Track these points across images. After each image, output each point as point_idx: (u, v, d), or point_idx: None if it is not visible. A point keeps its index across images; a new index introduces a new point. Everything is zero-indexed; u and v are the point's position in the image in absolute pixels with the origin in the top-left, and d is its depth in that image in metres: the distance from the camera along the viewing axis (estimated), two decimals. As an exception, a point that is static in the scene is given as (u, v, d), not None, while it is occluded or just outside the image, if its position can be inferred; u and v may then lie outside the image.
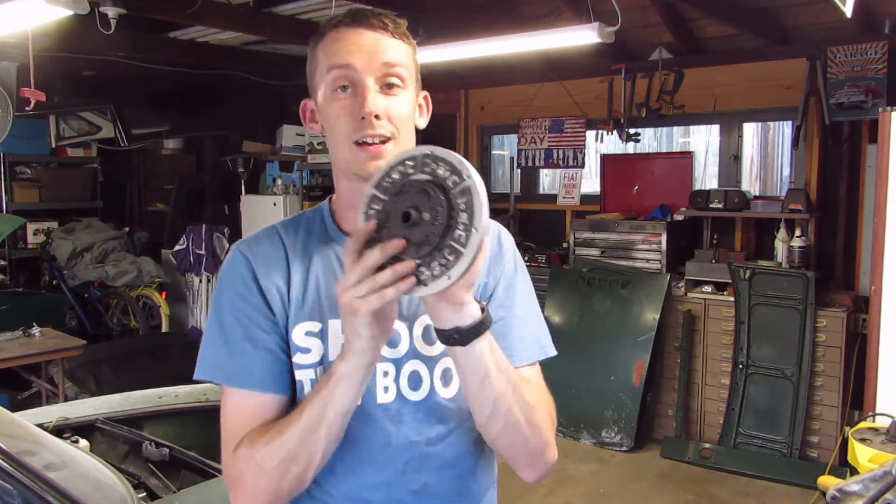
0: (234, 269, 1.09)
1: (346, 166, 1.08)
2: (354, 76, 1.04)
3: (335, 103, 1.06)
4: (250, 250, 1.10)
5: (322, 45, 1.08)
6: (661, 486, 4.06)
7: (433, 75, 5.29)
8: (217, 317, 1.08)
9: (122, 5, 3.48)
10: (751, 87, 4.56)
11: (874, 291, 3.12)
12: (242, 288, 1.07)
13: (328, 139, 1.10)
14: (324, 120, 1.10)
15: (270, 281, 1.07)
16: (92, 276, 5.90)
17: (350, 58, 1.04)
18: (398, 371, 1.08)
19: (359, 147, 1.04)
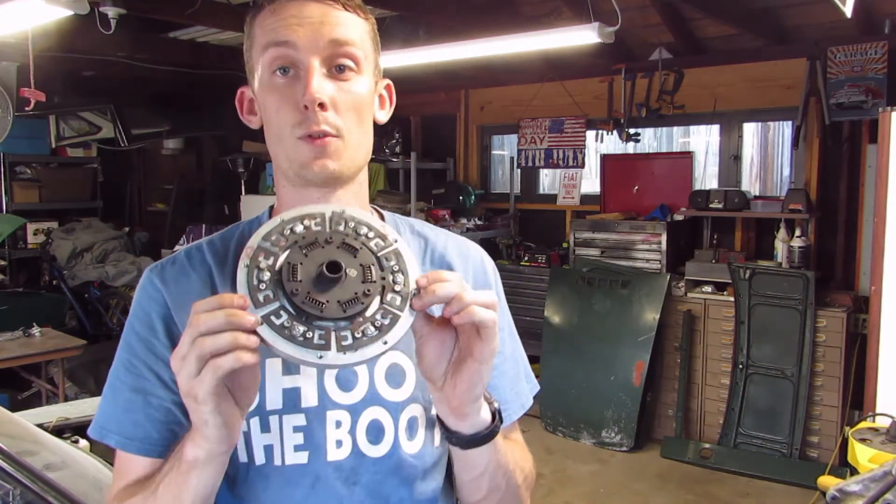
0: (139, 303, 0.89)
1: (287, 166, 0.87)
2: (295, 56, 0.84)
3: (273, 90, 0.86)
4: (163, 277, 0.89)
5: (259, 20, 0.88)
6: (661, 486, 4.06)
7: (433, 75, 5.30)
8: (116, 359, 0.90)
9: (122, 5, 3.48)
10: (751, 87, 4.56)
11: (874, 291, 3.12)
12: (144, 328, 0.87)
13: (266, 134, 0.89)
14: (261, 110, 0.89)
15: (188, 315, 0.82)
16: (92, 276, 5.90)
17: (290, 33, 0.84)
18: (355, 420, 0.88)
19: (302, 141, 0.85)
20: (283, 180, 0.91)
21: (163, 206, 7.28)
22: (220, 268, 0.90)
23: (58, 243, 5.94)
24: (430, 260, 1.00)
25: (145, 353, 0.86)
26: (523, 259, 5.37)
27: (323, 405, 0.87)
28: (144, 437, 0.85)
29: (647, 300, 4.54)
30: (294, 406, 0.86)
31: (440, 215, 5.28)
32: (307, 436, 0.86)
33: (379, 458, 0.89)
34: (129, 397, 0.86)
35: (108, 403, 0.88)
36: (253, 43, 0.89)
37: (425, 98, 6.02)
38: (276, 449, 0.86)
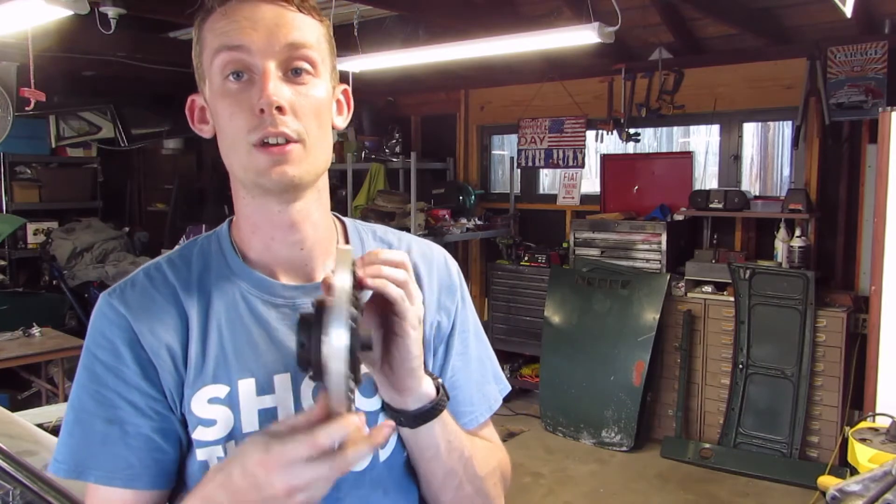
0: (100, 331, 0.83)
1: (244, 175, 0.83)
2: (249, 60, 0.80)
3: (225, 95, 0.82)
4: (124, 301, 0.84)
5: (209, 23, 0.84)
6: (661, 486, 4.06)
7: (433, 75, 5.30)
8: (76, 392, 0.83)
9: (122, 5, 3.48)
10: (751, 87, 4.56)
11: (874, 291, 3.12)
12: (109, 356, 0.82)
13: (220, 143, 0.84)
14: (214, 118, 0.85)
15: (158, 340, 0.82)
16: (92, 276, 5.89)
17: (243, 36, 0.80)
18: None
19: (258, 149, 0.80)
20: (242, 191, 0.87)
21: (163, 206, 7.28)
22: (186, 288, 0.86)
23: (58, 243, 5.94)
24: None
25: (115, 381, 0.81)
26: (523, 259, 5.37)
27: None
28: (127, 468, 0.81)
29: (646, 300, 4.54)
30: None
31: (440, 215, 5.27)
32: None
33: (361, 472, 0.87)
34: (103, 430, 0.81)
35: (77, 439, 0.82)
36: (203, 47, 0.84)
37: (425, 98, 6.02)
38: None
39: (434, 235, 5.04)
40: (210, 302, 0.85)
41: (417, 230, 4.94)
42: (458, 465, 0.87)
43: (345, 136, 5.84)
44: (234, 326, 0.85)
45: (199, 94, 0.88)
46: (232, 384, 0.83)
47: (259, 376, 0.84)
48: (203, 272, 0.87)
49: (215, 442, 0.83)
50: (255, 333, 0.86)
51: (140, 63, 5.09)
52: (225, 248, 0.89)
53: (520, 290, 5.31)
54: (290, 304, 0.87)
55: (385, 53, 3.92)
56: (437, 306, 0.96)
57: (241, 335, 0.85)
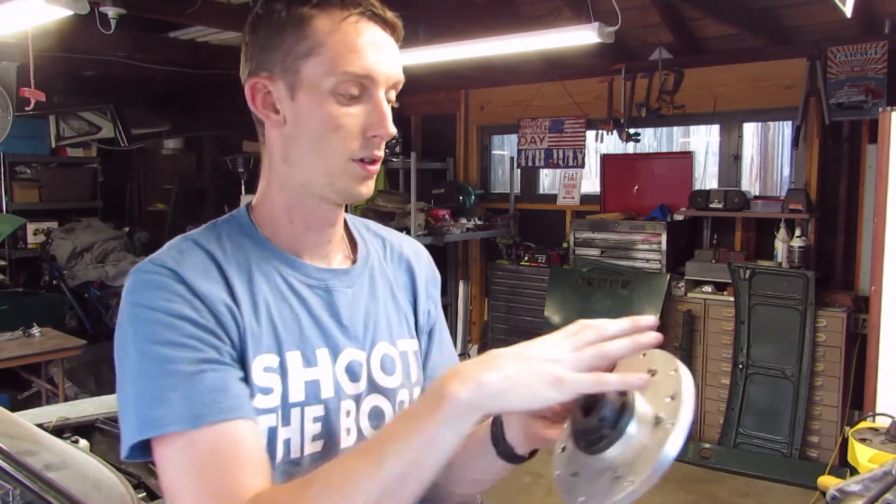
0: (158, 289, 0.80)
1: (329, 182, 0.87)
2: (369, 86, 0.86)
3: (337, 107, 0.84)
4: (176, 262, 0.83)
5: (326, 29, 0.84)
6: (661, 486, 4.03)
7: (433, 75, 5.30)
8: (142, 353, 0.78)
9: (122, 5, 3.47)
10: (751, 87, 4.56)
11: (874, 291, 3.12)
12: (180, 302, 0.79)
13: (302, 142, 0.87)
14: (305, 118, 0.86)
15: (214, 296, 0.82)
16: (92, 276, 5.90)
17: (374, 69, 0.85)
18: (358, 408, 0.91)
19: (356, 163, 0.86)
20: (294, 184, 0.90)
21: (163, 206, 7.28)
22: (225, 259, 0.87)
23: (58, 243, 5.94)
24: (390, 258, 1.04)
25: (194, 329, 0.79)
26: (523, 259, 5.37)
27: (338, 396, 0.90)
28: (242, 400, 0.79)
29: (647, 300, 4.54)
30: (315, 398, 0.87)
31: (440, 215, 5.27)
32: (325, 425, 0.88)
33: None
34: (197, 370, 0.77)
35: (181, 391, 0.76)
36: (316, 50, 0.84)
37: (425, 98, 6.01)
38: (294, 442, 0.86)
39: (434, 235, 5.04)
40: (251, 276, 0.87)
41: (417, 230, 4.94)
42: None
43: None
44: (279, 302, 0.88)
45: (269, 80, 0.87)
46: (282, 355, 0.86)
47: (304, 349, 0.88)
48: (235, 249, 0.88)
49: (270, 410, 0.83)
50: (298, 310, 0.89)
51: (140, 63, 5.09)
52: (249, 230, 0.92)
53: (520, 290, 5.31)
54: (323, 285, 0.92)
55: (385, 53, 3.91)
56: (427, 296, 1.05)
57: (286, 310, 0.88)
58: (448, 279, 5.90)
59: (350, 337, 0.92)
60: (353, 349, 0.92)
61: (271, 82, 0.87)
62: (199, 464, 0.74)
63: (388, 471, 0.68)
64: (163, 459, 0.76)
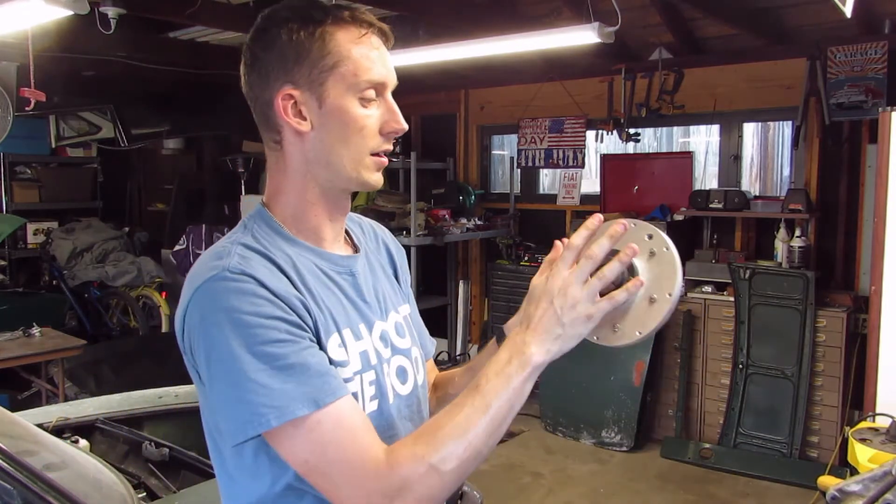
0: (242, 293, 0.91)
1: (354, 174, 1.02)
2: (383, 91, 1.04)
3: (357, 112, 1.01)
4: (248, 267, 0.94)
5: (347, 44, 0.99)
6: (661, 486, 4.06)
7: (433, 75, 5.29)
8: (249, 354, 0.88)
9: (122, 5, 3.48)
10: (751, 87, 4.56)
11: (874, 291, 3.12)
12: (269, 306, 0.91)
13: (330, 143, 1.01)
14: (334, 122, 1.00)
15: (289, 294, 0.94)
16: (92, 276, 5.90)
17: (388, 76, 1.04)
18: (390, 368, 1.09)
19: (374, 157, 1.03)
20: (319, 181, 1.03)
21: (163, 206, 7.28)
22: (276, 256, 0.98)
23: (58, 243, 5.94)
24: (372, 240, 1.21)
25: (287, 326, 0.91)
26: (523, 259, 5.37)
27: (379, 361, 1.06)
28: (339, 378, 0.94)
29: (647, 300, 4.53)
30: (368, 364, 1.04)
31: (440, 215, 5.27)
32: (377, 387, 1.04)
33: (408, 395, 1.10)
34: (302, 361, 0.90)
35: (294, 381, 0.89)
36: (339, 64, 0.99)
37: (425, 98, 6.01)
38: (358, 401, 1.00)
39: (434, 235, 5.04)
40: (299, 270, 0.99)
41: (417, 230, 4.94)
42: None
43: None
44: (323, 289, 1.02)
45: (297, 90, 1.00)
46: (339, 332, 1.01)
47: (352, 326, 1.03)
48: (276, 248, 1.00)
49: (348, 379, 0.98)
50: (337, 294, 1.04)
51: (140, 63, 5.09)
52: (278, 229, 1.03)
53: (520, 290, 5.31)
54: (348, 270, 1.08)
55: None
56: (402, 268, 1.24)
57: (330, 296, 1.02)
58: (448, 279, 5.90)
59: (374, 311, 1.09)
60: (379, 322, 1.09)
61: (298, 93, 1.00)
62: (332, 439, 0.89)
63: (494, 416, 0.90)
64: (293, 441, 0.89)
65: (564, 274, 0.93)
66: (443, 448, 0.88)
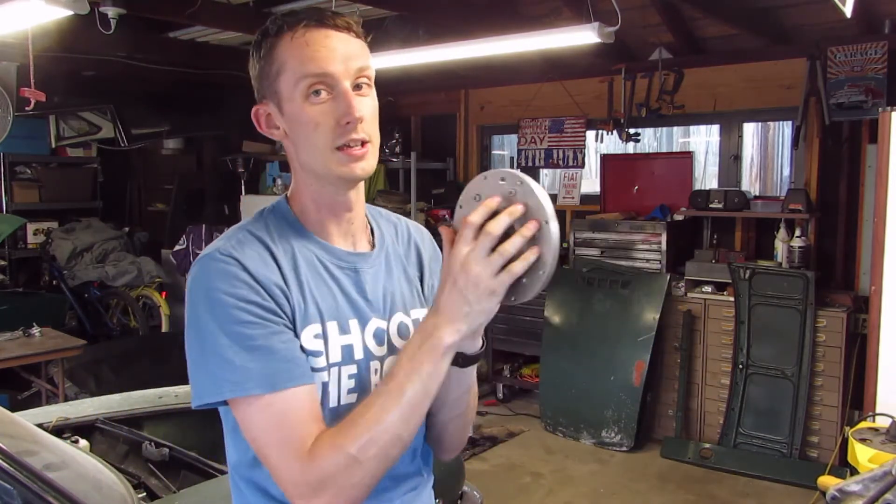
0: (224, 277, 0.99)
1: (325, 171, 1.05)
2: (332, 82, 1.02)
3: (310, 108, 1.02)
4: (238, 251, 1.01)
5: (284, 48, 1.03)
6: (661, 486, 4.06)
7: (433, 75, 5.30)
8: (220, 330, 0.96)
9: (122, 5, 3.48)
10: (751, 87, 4.56)
11: (874, 291, 3.12)
12: (246, 289, 0.98)
13: (298, 145, 1.06)
14: (294, 125, 1.05)
15: (270, 281, 1.01)
16: (92, 276, 5.89)
17: (327, 66, 1.01)
18: (383, 367, 1.10)
19: (343, 152, 1.02)
20: (314, 183, 1.08)
21: (163, 206, 7.28)
22: (274, 245, 1.05)
23: (58, 243, 5.94)
24: (402, 240, 1.22)
25: (261, 311, 0.97)
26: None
27: (367, 357, 1.08)
28: (304, 367, 0.98)
29: (647, 300, 4.54)
30: (350, 358, 1.06)
31: (440, 215, 5.28)
32: (357, 381, 1.06)
33: None
34: (268, 345, 0.96)
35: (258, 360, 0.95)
36: (282, 70, 1.02)
37: (425, 98, 6.02)
38: (332, 394, 1.04)
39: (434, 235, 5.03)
40: (296, 261, 1.05)
41: (417, 230, 4.93)
42: (474, 397, 1.16)
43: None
44: (318, 281, 1.06)
45: (263, 104, 1.08)
46: (323, 324, 1.04)
47: (339, 320, 1.06)
48: (281, 238, 1.07)
49: (322, 369, 1.03)
50: (333, 288, 1.08)
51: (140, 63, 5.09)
52: (291, 221, 1.10)
53: (520, 290, 5.30)
54: (352, 266, 1.11)
55: (385, 53, 3.92)
56: (431, 271, 1.22)
57: (323, 288, 1.06)
58: (448, 279, 5.88)
59: (374, 309, 1.10)
60: (377, 319, 1.11)
61: (267, 106, 1.08)
62: (277, 422, 0.95)
63: (409, 401, 0.93)
64: (246, 417, 0.96)
65: (464, 252, 0.91)
66: (361, 437, 0.92)
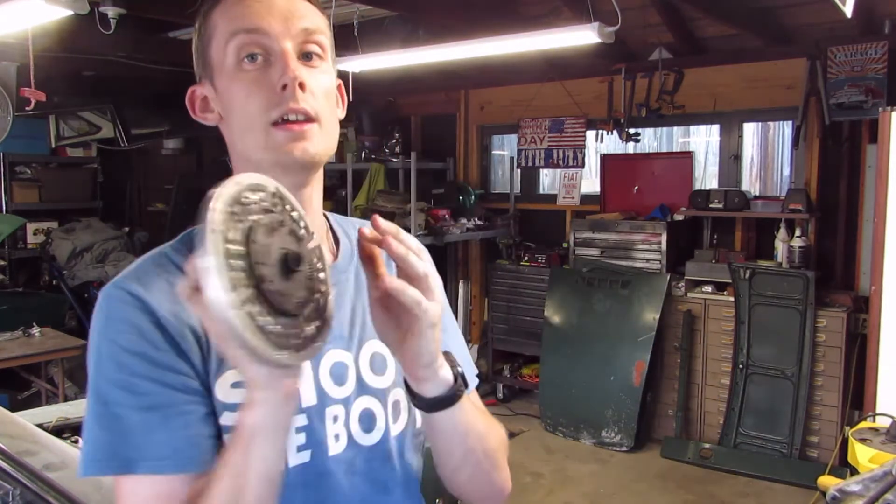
0: (120, 317, 0.79)
1: (261, 155, 0.84)
2: (267, 42, 0.83)
3: (241, 76, 0.83)
4: (140, 286, 0.81)
5: (218, 12, 0.86)
6: (661, 486, 4.06)
7: (433, 75, 5.29)
8: (102, 386, 0.78)
9: (122, 5, 3.48)
10: (751, 87, 4.56)
11: (874, 291, 3.12)
12: (136, 341, 0.78)
13: (231, 126, 0.86)
14: (225, 102, 0.86)
15: (180, 322, 0.80)
16: (92, 276, 5.89)
17: (260, 20, 0.83)
18: (348, 412, 0.89)
19: (277, 127, 0.82)
20: (252, 171, 0.84)
21: (163, 206, 7.28)
22: None
23: (58, 243, 5.94)
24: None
25: (146, 367, 0.78)
26: (523, 259, 5.37)
27: (322, 403, 0.87)
28: (174, 454, 0.77)
29: (647, 300, 4.54)
30: (297, 407, 0.83)
31: (440, 215, 5.27)
32: (309, 435, 0.86)
33: (373, 446, 0.90)
34: (142, 419, 0.77)
35: (115, 434, 0.77)
36: (213, 34, 0.86)
37: (425, 98, 6.01)
38: None
39: (434, 235, 5.04)
40: None
41: (417, 230, 4.94)
42: (477, 444, 0.89)
43: (345, 136, 5.84)
44: None
45: (199, 85, 0.90)
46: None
47: None
48: None
49: None
50: None
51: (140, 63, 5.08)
52: None
53: (520, 290, 5.31)
54: None
55: (385, 53, 3.92)
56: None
57: None
58: (448, 279, 5.89)
59: (334, 338, 0.86)
60: (337, 350, 0.89)
61: (201, 87, 0.90)
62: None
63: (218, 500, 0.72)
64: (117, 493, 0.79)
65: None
66: None
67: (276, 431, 0.72)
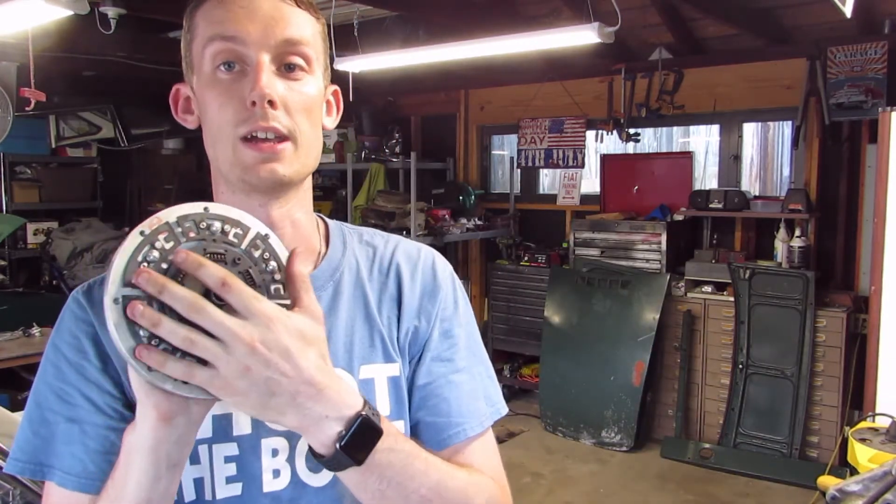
0: (66, 326, 0.80)
1: (228, 169, 0.80)
2: (243, 51, 0.78)
3: (215, 85, 0.79)
4: (90, 299, 0.81)
5: (203, 11, 0.80)
6: (661, 486, 4.06)
7: (433, 75, 5.29)
8: (39, 387, 0.80)
9: (122, 5, 3.48)
10: (751, 87, 4.56)
11: (874, 291, 3.12)
12: (73, 352, 0.79)
13: (206, 134, 0.82)
14: (202, 108, 0.82)
15: None
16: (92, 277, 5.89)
17: (238, 27, 0.77)
18: (293, 447, 0.81)
19: (246, 144, 0.77)
20: (223, 185, 0.84)
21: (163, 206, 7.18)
22: None
23: (58, 243, 5.94)
24: (377, 269, 0.91)
25: (77, 378, 0.78)
26: (523, 259, 5.37)
27: (257, 433, 0.80)
28: (83, 472, 0.76)
29: (646, 300, 4.54)
30: (225, 434, 0.80)
31: (440, 215, 5.27)
32: (240, 466, 0.79)
33: (321, 488, 0.81)
34: (65, 428, 0.77)
35: (40, 438, 0.78)
36: (194, 35, 0.81)
37: (425, 98, 6.01)
38: (206, 482, 0.79)
39: (434, 235, 5.04)
40: None
41: (417, 230, 4.94)
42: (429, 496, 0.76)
43: (345, 136, 5.84)
44: None
45: (184, 84, 0.86)
46: None
47: None
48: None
49: None
50: None
51: (140, 63, 5.08)
52: None
53: (520, 290, 5.31)
54: None
55: (385, 53, 3.92)
56: (418, 310, 0.89)
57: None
58: (448, 279, 5.88)
59: None
60: None
61: (184, 86, 0.86)
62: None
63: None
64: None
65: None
66: None
67: (152, 453, 0.67)
